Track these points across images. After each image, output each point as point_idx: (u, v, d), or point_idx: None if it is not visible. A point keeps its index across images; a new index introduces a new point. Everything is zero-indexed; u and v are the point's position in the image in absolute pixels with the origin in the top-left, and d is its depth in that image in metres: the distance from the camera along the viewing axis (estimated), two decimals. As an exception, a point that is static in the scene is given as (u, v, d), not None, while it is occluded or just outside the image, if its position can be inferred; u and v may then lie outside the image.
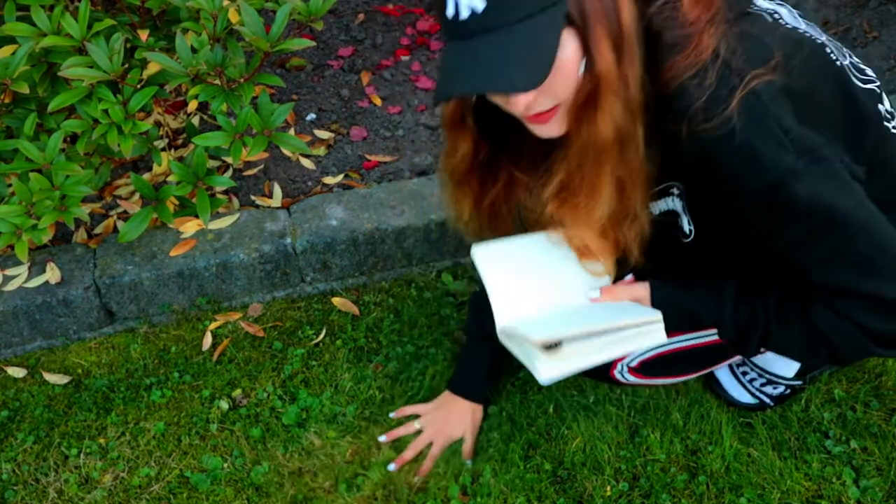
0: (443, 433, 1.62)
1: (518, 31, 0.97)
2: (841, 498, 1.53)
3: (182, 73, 1.66)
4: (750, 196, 1.09)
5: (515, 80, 0.98)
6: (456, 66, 1.00)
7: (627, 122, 1.08)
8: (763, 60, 1.05)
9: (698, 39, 1.05)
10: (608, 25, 1.00)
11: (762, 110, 1.04)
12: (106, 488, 1.63)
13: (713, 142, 1.05)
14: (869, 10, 2.52)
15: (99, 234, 1.99)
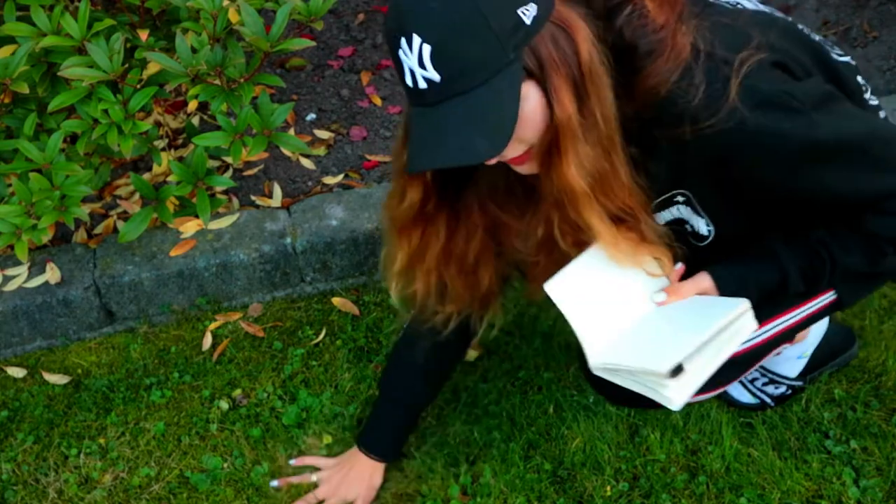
0: (337, 493, 1.55)
1: (477, 97, 0.98)
2: (841, 498, 1.53)
3: (182, 72, 1.66)
4: (782, 168, 1.09)
5: (479, 149, 1.00)
6: (421, 138, 1.03)
7: (601, 161, 1.08)
8: (744, 44, 1.06)
9: (673, 40, 1.04)
10: (567, 70, 1.01)
11: (763, 88, 1.05)
12: (106, 488, 1.63)
13: (726, 135, 1.05)
14: (869, 10, 2.52)
15: (99, 234, 1.99)
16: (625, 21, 1.05)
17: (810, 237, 1.24)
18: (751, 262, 1.27)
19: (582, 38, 1.00)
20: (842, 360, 1.70)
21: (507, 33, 0.96)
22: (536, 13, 0.97)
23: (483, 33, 0.95)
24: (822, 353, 1.66)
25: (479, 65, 0.97)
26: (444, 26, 0.94)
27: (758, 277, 1.26)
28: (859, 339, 1.74)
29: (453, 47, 0.95)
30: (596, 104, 1.04)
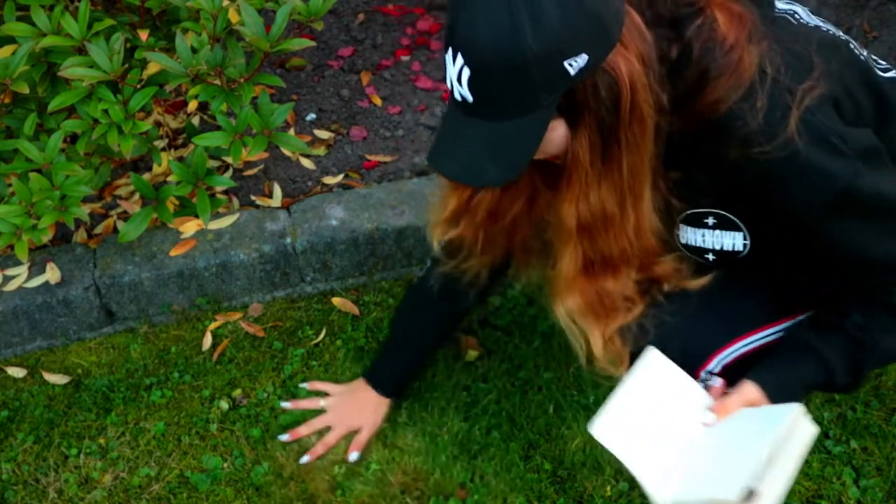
0: (343, 421, 1.62)
1: (502, 128, 0.99)
2: (841, 498, 1.53)
3: (182, 73, 1.66)
4: (820, 208, 1.09)
5: (487, 176, 1.03)
6: (444, 138, 1.05)
7: (609, 206, 1.09)
8: (807, 72, 1.06)
9: (740, 60, 1.03)
10: (598, 119, 1.01)
11: (819, 126, 1.05)
12: (106, 488, 1.63)
13: (776, 164, 1.05)
14: (869, 10, 2.52)
15: (99, 234, 1.99)
16: (694, 33, 1.03)
17: (845, 323, 1.21)
18: (792, 361, 1.24)
19: (628, 88, 0.99)
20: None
21: (546, 83, 0.95)
22: (584, 64, 0.95)
23: (522, 79, 0.94)
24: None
25: (511, 103, 0.98)
26: (486, 61, 0.94)
27: (803, 377, 1.22)
28: (859, 339, 1.74)
29: (491, 81, 0.96)
30: (625, 153, 1.04)
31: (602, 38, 0.95)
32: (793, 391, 1.22)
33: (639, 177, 1.08)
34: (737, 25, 1.04)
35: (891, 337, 1.21)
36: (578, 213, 1.11)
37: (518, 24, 0.91)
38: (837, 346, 1.21)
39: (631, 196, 1.09)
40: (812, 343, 1.23)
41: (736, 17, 1.05)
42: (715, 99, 1.04)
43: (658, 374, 1.29)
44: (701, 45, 1.04)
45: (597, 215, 1.11)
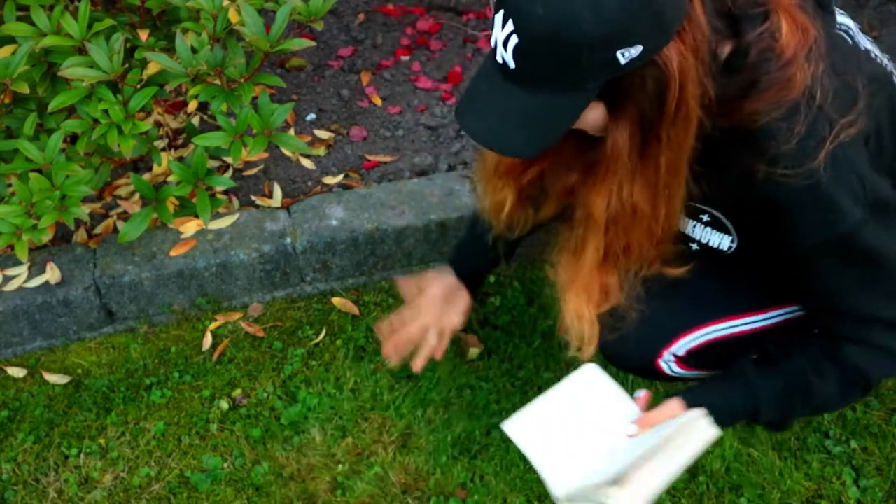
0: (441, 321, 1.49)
1: (538, 101, 0.97)
2: (841, 498, 1.53)
3: (182, 73, 1.66)
4: (819, 245, 1.09)
5: (513, 146, 1.01)
6: (476, 96, 1.02)
7: (640, 201, 1.07)
8: (851, 104, 1.04)
9: (792, 77, 1.01)
10: (640, 112, 0.98)
11: (847, 165, 1.04)
12: (106, 488, 1.63)
13: (795, 190, 1.04)
14: (869, 10, 2.52)
15: (99, 234, 1.99)
16: (755, 39, 1.01)
17: (786, 363, 1.23)
18: (725, 387, 1.27)
19: (677, 83, 0.96)
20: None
21: (594, 69, 0.93)
22: (637, 55, 0.92)
23: (570, 61, 0.92)
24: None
25: (553, 80, 0.95)
26: (536, 34, 0.91)
27: (730, 405, 1.25)
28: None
29: (536, 56, 0.93)
30: (665, 150, 1.02)
31: (660, 31, 0.92)
32: (718, 415, 1.23)
33: (676, 174, 1.06)
34: (799, 38, 1.01)
35: (824, 384, 1.22)
36: (610, 205, 1.08)
37: (577, 7, 0.88)
38: (771, 384, 1.23)
39: (665, 193, 1.07)
40: (749, 376, 1.25)
41: (800, 28, 1.02)
42: (756, 110, 1.02)
43: (590, 386, 1.35)
44: (758, 53, 1.01)
45: (627, 210, 1.08)
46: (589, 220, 1.12)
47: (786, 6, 1.03)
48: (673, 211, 1.11)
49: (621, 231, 1.12)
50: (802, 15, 1.03)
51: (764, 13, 1.02)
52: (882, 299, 1.15)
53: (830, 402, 1.28)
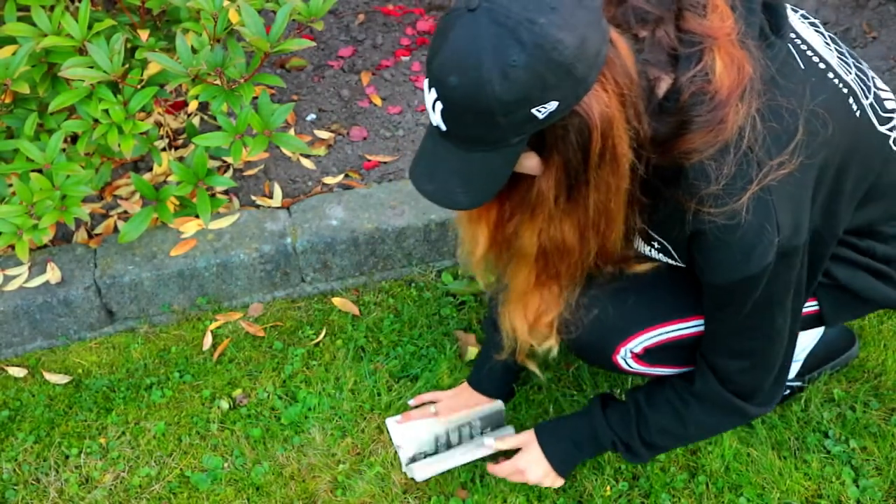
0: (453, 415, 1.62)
1: (472, 159, 1.02)
2: (840, 497, 1.53)
3: (182, 73, 1.66)
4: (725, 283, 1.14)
5: (457, 201, 1.07)
6: (422, 156, 1.08)
7: (569, 239, 1.12)
8: (785, 142, 1.06)
9: (723, 119, 1.02)
10: (566, 159, 1.01)
11: (769, 209, 1.06)
12: (106, 488, 1.63)
13: (715, 228, 1.07)
14: (868, 10, 2.52)
15: (99, 234, 1.99)
16: (687, 82, 1.02)
17: (630, 395, 1.40)
18: (573, 417, 1.49)
19: (599, 131, 0.98)
20: (842, 360, 1.70)
21: (514, 126, 0.97)
22: (554, 109, 0.95)
23: (489, 122, 0.96)
24: (821, 353, 1.66)
25: (481, 139, 1.00)
26: (455, 102, 0.96)
27: (572, 432, 1.46)
28: (859, 339, 1.74)
29: (459, 119, 0.98)
30: (593, 192, 1.05)
31: (574, 84, 0.94)
32: (562, 442, 1.46)
33: (606, 213, 1.09)
34: (733, 79, 1.02)
35: (656, 413, 1.36)
36: (539, 241, 1.14)
37: (485, 74, 0.92)
38: (610, 412, 1.41)
39: (594, 231, 1.11)
40: (591, 404, 1.44)
41: (736, 66, 1.03)
42: (689, 149, 1.05)
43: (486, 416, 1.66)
44: (690, 94, 1.02)
45: (554, 246, 1.14)
46: (520, 251, 1.19)
47: (723, 43, 1.03)
48: (607, 245, 1.15)
49: (550, 262, 1.18)
50: (740, 51, 1.03)
51: (699, 52, 1.03)
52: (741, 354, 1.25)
53: (672, 433, 1.39)
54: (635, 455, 1.41)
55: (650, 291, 1.33)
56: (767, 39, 1.08)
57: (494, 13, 0.92)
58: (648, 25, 1.03)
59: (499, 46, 0.91)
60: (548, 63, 0.91)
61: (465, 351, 1.80)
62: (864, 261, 1.31)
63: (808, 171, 1.09)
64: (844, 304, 1.36)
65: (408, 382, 1.76)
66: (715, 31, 1.03)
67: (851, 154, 1.16)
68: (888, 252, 1.32)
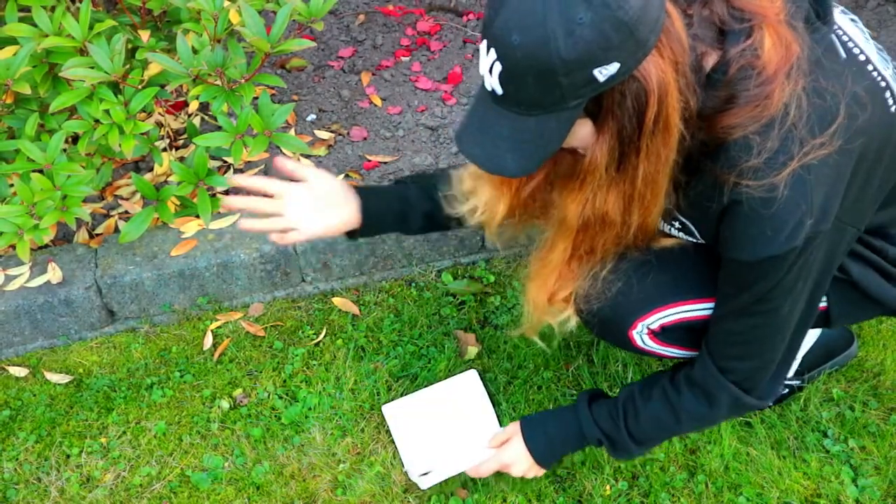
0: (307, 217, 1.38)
1: (526, 123, 1.01)
2: (839, 497, 1.54)
3: (183, 73, 1.66)
4: (749, 260, 1.13)
5: (506, 166, 1.05)
6: (472, 122, 1.06)
7: (613, 211, 1.11)
8: (827, 123, 1.06)
9: (770, 95, 1.03)
10: (620, 125, 1.01)
11: (806, 188, 1.06)
12: (107, 487, 1.64)
13: (752, 200, 1.07)
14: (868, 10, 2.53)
15: (100, 234, 2.00)
16: (736, 55, 1.03)
17: (626, 387, 1.39)
18: (558, 413, 1.48)
19: (656, 97, 0.98)
20: (841, 359, 1.71)
21: (574, 87, 0.96)
22: (615, 72, 0.95)
23: (550, 82, 0.95)
24: (819, 353, 1.67)
25: (538, 102, 0.99)
26: (516, 61, 0.95)
27: (559, 428, 1.45)
28: (857, 338, 1.75)
29: (519, 80, 0.97)
30: (643, 161, 1.05)
31: (635, 47, 0.94)
32: (546, 436, 1.46)
33: (653, 185, 1.09)
34: (781, 56, 1.03)
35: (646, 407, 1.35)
36: (583, 213, 1.13)
37: (550, 32, 0.91)
38: (599, 411, 1.40)
39: (640, 203, 1.11)
40: (578, 404, 1.43)
41: (784, 45, 1.03)
42: (734, 124, 1.05)
43: (466, 391, 1.68)
44: (738, 69, 1.03)
45: (598, 218, 1.13)
46: (562, 223, 1.18)
47: (772, 21, 1.04)
48: (648, 220, 1.15)
49: (588, 236, 1.17)
50: (788, 31, 1.04)
51: (749, 28, 1.04)
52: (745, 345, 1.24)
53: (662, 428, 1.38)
54: (621, 451, 1.40)
55: (672, 269, 1.32)
56: (813, 25, 1.09)
57: None
58: (696, 4, 1.04)
59: (564, 3, 0.91)
60: (613, 22, 0.91)
61: (465, 351, 1.81)
62: (876, 260, 1.31)
63: (846, 157, 1.09)
64: (852, 303, 1.35)
65: (408, 382, 1.77)
66: (765, 9, 1.04)
67: (884, 148, 1.16)
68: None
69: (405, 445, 1.61)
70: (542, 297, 1.30)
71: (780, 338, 1.24)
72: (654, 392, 1.35)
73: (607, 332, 1.45)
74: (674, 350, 1.40)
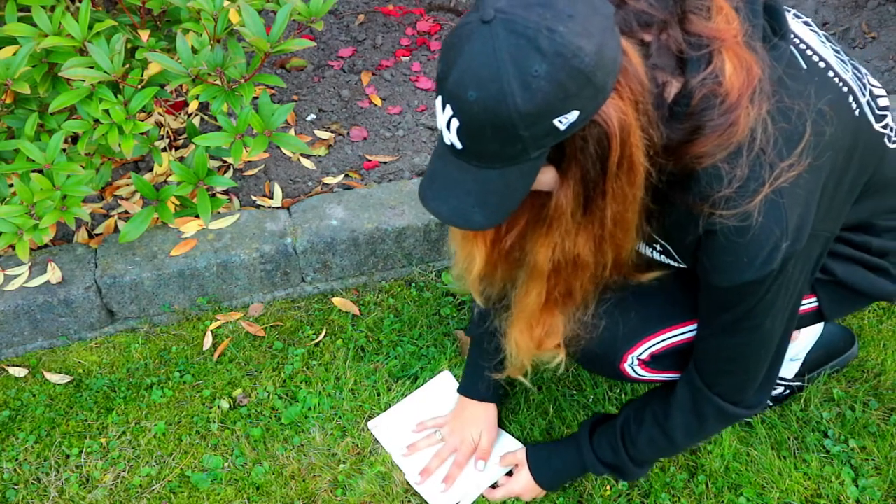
0: (463, 438, 1.61)
1: (489, 176, 0.99)
2: (840, 497, 1.54)
3: (183, 73, 1.66)
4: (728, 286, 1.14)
5: (473, 220, 1.03)
6: (433, 177, 1.05)
7: (583, 252, 1.11)
8: (794, 143, 1.05)
9: (735, 122, 1.02)
10: (584, 170, 1.00)
11: (780, 212, 1.06)
12: (107, 487, 1.63)
13: (726, 229, 1.07)
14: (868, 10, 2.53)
15: (100, 234, 1.99)
16: (698, 84, 1.01)
17: (623, 410, 1.43)
18: (563, 441, 1.54)
19: (618, 139, 0.97)
20: (841, 360, 1.71)
21: (535, 139, 0.94)
22: (575, 119, 0.94)
23: (510, 135, 0.94)
24: (820, 354, 1.67)
25: (500, 154, 0.97)
26: (474, 116, 0.93)
27: (561, 455, 1.50)
28: (858, 339, 1.75)
29: (478, 135, 0.95)
30: (610, 203, 1.04)
31: (594, 92, 0.93)
32: (551, 470, 1.51)
33: (622, 224, 1.08)
34: (743, 80, 1.02)
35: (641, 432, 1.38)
36: (553, 257, 1.12)
37: (506, 86, 0.90)
38: (599, 442, 1.44)
39: (612, 242, 1.10)
40: (580, 435, 1.48)
41: (745, 68, 1.02)
42: (701, 153, 1.04)
43: (444, 392, 1.72)
44: (701, 97, 1.02)
45: (569, 261, 1.12)
46: (534, 268, 1.17)
47: (731, 45, 1.02)
48: (621, 257, 1.15)
49: (562, 279, 1.17)
50: (748, 53, 1.03)
51: (708, 54, 1.02)
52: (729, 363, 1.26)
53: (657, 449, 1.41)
54: (628, 475, 1.44)
55: (654, 297, 1.33)
56: (771, 41, 1.08)
57: (512, 23, 0.89)
58: (653, 29, 1.02)
59: (519, 57, 0.89)
60: (569, 71, 0.90)
61: (465, 351, 1.81)
62: (860, 255, 1.31)
63: (816, 174, 1.09)
64: (843, 299, 1.36)
65: (408, 382, 1.77)
66: (722, 33, 1.02)
67: (852, 153, 1.16)
68: (884, 245, 1.32)
69: (423, 484, 1.59)
70: (526, 341, 1.29)
71: (764, 352, 1.24)
72: (646, 415, 1.38)
73: (598, 368, 1.46)
74: (667, 375, 1.41)
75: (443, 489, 1.57)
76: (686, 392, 1.32)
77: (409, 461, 1.62)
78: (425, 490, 1.57)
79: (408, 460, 1.62)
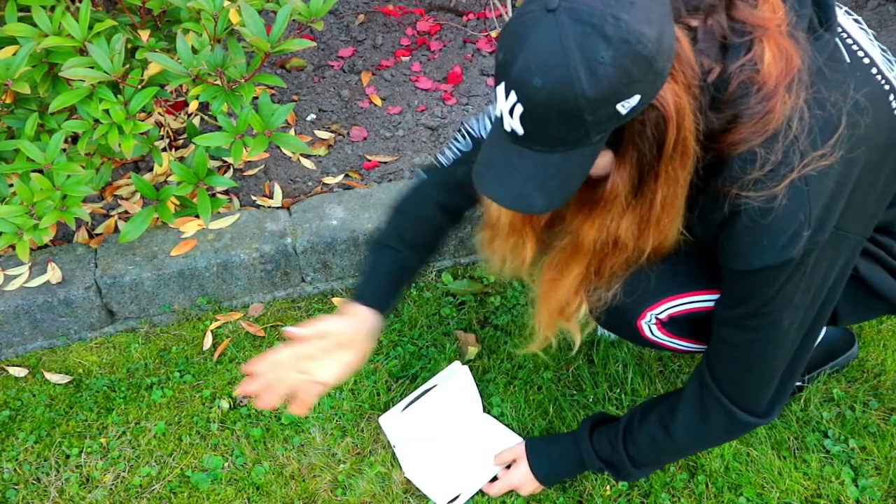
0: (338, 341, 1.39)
1: (550, 160, 1.01)
2: (840, 497, 1.54)
3: (183, 73, 1.66)
4: (745, 269, 1.13)
5: (534, 204, 1.05)
6: (491, 165, 1.06)
7: (627, 235, 1.12)
8: (828, 134, 1.06)
9: (771, 110, 1.03)
10: (640, 153, 1.02)
11: (804, 199, 1.06)
12: (107, 487, 1.63)
13: (750, 209, 1.07)
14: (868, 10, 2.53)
15: (100, 234, 1.99)
16: (737, 70, 1.03)
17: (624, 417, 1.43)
18: (562, 436, 1.53)
19: (675, 123, 0.99)
20: (841, 360, 1.71)
21: (598, 123, 0.96)
22: (636, 104, 0.96)
23: (575, 121, 0.95)
24: (820, 354, 1.67)
25: (562, 139, 0.99)
26: (539, 103, 0.95)
27: (561, 449, 1.50)
28: (858, 339, 1.75)
29: (542, 120, 0.97)
30: (661, 186, 1.06)
31: (654, 77, 0.95)
32: (550, 464, 1.51)
33: (669, 208, 1.10)
34: (781, 69, 1.03)
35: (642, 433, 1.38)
36: (599, 238, 1.14)
37: (573, 73, 0.92)
38: (599, 440, 1.44)
39: (656, 226, 1.12)
40: (579, 433, 1.47)
41: (785, 57, 1.03)
42: (738, 140, 1.05)
43: (456, 388, 1.69)
44: (738, 84, 1.03)
45: (611, 240, 1.14)
46: (578, 249, 1.18)
47: (773, 34, 1.04)
48: (663, 243, 1.16)
49: (604, 259, 1.19)
50: (789, 42, 1.04)
51: (749, 42, 1.04)
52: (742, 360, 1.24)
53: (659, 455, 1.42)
54: (624, 474, 1.44)
55: (680, 260, 1.31)
56: (816, 32, 1.09)
57: (577, 12, 0.91)
58: (700, 14, 1.04)
59: (584, 44, 0.91)
60: (633, 57, 0.92)
61: (465, 351, 1.81)
62: (882, 256, 1.31)
63: (849, 167, 1.09)
64: (858, 300, 1.35)
65: (408, 382, 1.77)
66: (766, 21, 1.04)
67: (887, 152, 1.16)
68: None
69: (422, 477, 1.59)
70: (552, 316, 1.31)
71: (780, 353, 1.23)
72: (652, 415, 1.38)
73: (615, 324, 1.45)
74: (681, 342, 1.41)
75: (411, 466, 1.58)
76: (694, 387, 1.32)
77: (408, 458, 1.61)
78: (425, 484, 1.57)
79: (408, 457, 1.61)
